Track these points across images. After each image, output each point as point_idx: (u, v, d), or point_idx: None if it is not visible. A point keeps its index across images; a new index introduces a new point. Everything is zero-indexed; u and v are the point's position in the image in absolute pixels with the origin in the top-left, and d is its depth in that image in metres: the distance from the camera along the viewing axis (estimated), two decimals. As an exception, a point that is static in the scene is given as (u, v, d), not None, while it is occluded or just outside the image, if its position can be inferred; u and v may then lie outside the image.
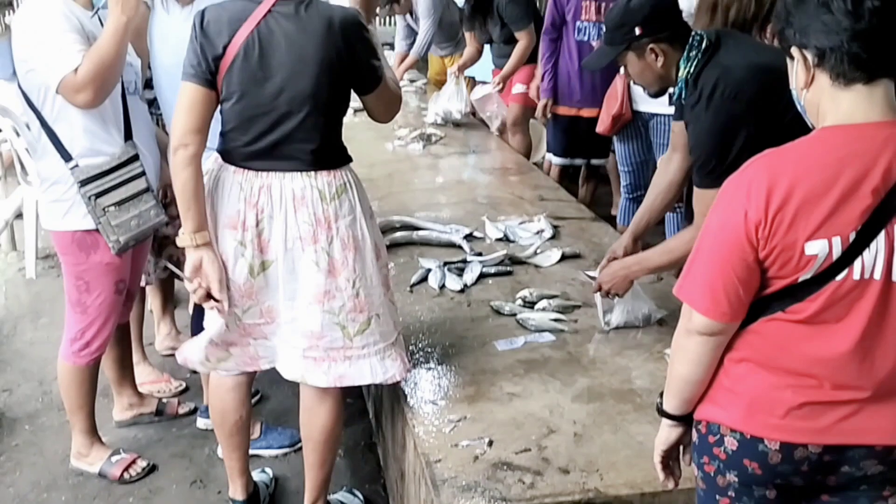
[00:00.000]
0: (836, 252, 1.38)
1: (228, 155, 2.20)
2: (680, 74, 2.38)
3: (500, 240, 3.40)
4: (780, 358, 1.48)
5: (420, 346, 2.60)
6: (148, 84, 2.88)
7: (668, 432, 1.66)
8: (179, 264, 2.42)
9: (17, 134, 4.46)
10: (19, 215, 4.90)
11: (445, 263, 3.11)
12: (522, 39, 4.93)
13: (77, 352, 2.69)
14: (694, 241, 2.37)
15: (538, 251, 3.26)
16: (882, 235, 1.37)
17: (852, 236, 1.37)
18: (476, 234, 3.44)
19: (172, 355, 3.54)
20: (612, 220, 4.16)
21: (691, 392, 1.58)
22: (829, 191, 1.37)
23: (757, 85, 2.24)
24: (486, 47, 5.57)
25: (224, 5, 2.14)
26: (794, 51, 1.45)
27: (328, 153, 2.18)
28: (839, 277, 1.40)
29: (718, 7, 2.77)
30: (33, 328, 3.94)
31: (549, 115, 4.73)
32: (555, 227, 3.50)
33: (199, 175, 2.15)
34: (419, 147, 4.86)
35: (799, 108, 1.52)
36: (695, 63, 2.34)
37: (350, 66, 2.13)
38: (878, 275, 1.39)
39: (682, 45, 2.37)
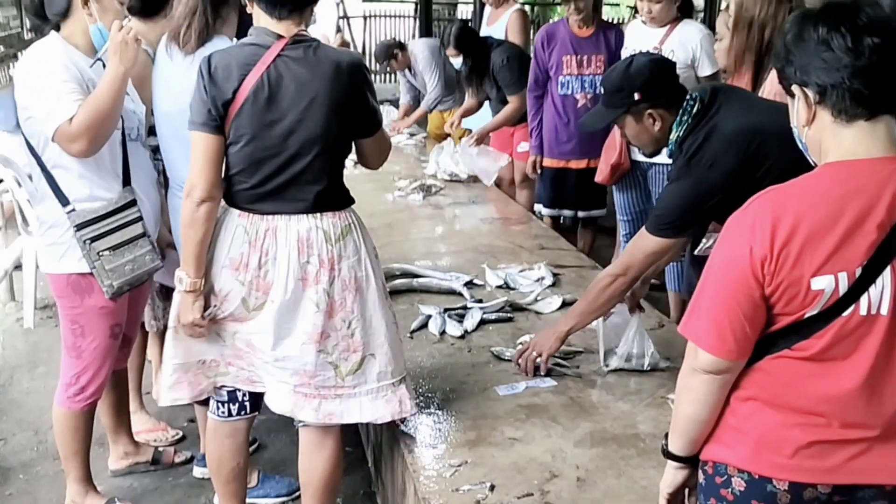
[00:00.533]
0: (843, 287, 1.37)
1: (232, 198, 2.21)
2: (671, 137, 2.43)
3: (500, 287, 3.40)
4: (788, 396, 1.46)
5: (421, 391, 2.57)
6: (151, 131, 2.90)
7: (673, 474, 1.63)
8: None
9: (19, 184, 4.49)
10: (18, 266, 4.92)
11: (446, 310, 3.10)
12: (513, 102, 5.01)
13: (72, 397, 2.66)
14: (609, 284, 2.50)
15: (538, 298, 3.26)
16: (888, 270, 1.37)
17: (858, 272, 1.37)
18: (476, 281, 3.44)
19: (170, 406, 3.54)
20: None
21: (697, 432, 1.56)
22: (834, 226, 1.36)
23: (737, 154, 2.30)
24: (487, 103, 5.63)
25: (230, 51, 2.18)
26: (795, 88, 1.46)
27: (333, 194, 2.21)
28: (846, 313, 1.39)
29: (754, 25, 2.80)
30: (30, 378, 3.91)
31: (537, 172, 4.79)
32: (555, 274, 3.50)
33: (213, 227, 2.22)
34: (419, 198, 4.88)
35: (800, 145, 1.52)
36: (684, 128, 2.41)
37: (357, 109, 2.18)
38: (884, 310, 1.38)
39: (678, 109, 2.42)
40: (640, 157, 3.97)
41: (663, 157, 3.55)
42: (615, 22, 9.41)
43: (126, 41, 2.43)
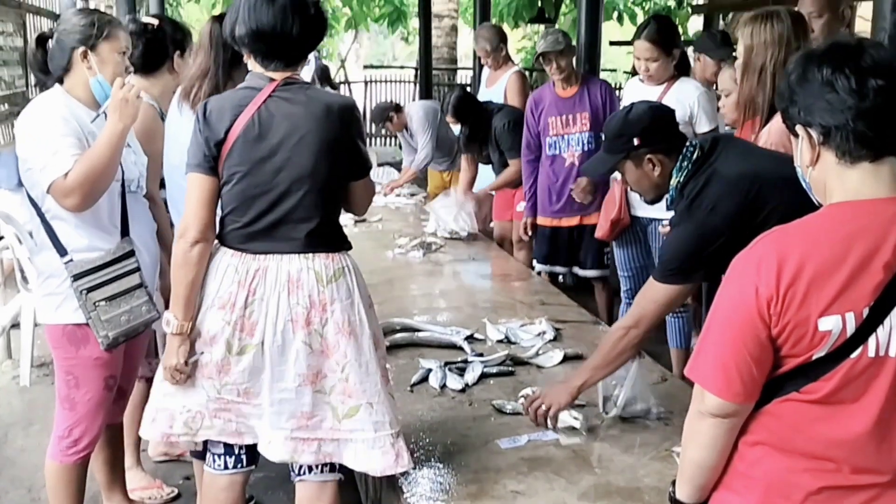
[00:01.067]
0: (850, 328, 1.36)
1: (225, 238, 2.22)
2: (672, 183, 2.45)
3: (500, 341, 3.37)
4: (796, 440, 1.43)
5: (421, 444, 2.53)
6: (163, 183, 2.94)
7: None
8: None
9: (20, 242, 4.50)
10: (16, 325, 4.89)
11: (446, 363, 3.07)
12: (514, 166, 5.08)
13: (65, 450, 2.62)
14: (622, 337, 2.45)
15: (540, 352, 3.23)
16: (895, 312, 1.35)
17: (866, 312, 1.35)
18: (477, 335, 3.41)
19: (166, 461, 3.49)
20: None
21: (705, 478, 1.53)
22: (840, 265, 1.35)
23: (738, 199, 2.31)
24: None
25: (225, 95, 2.25)
26: (799, 129, 1.46)
27: (326, 235, 2.21)
28: (854, 355, 1.37)
29: (765, 72, 2.83)
30: (24, 435, 3.86)
31: (528, 233, 4.88)
32: (556, 329, 3.47)
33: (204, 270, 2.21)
34: (419, 255, 4.88)
35: (804, 185, 1.52)
36: (685, 173, 2.43)
37: (347, 150, 2.21)
38: (893, 352, 1.37)
39: (678, 155, 2.44)
40: (639, 213, 4.00)
41: (663, 212, 3.59)
42: (615, 86, 9.56)
43: (126, 98, 2.47)
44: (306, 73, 2.68)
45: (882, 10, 3.00)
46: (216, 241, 2.24)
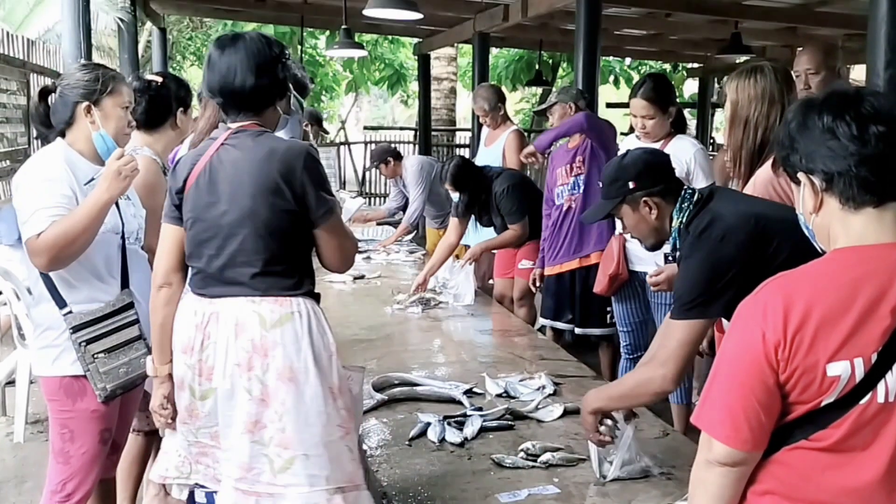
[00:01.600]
0: (859, 374, 1.34)
1: (192, 284, 2.27)
2: (673, 225, 2.46)
3: (500, 396, 3.34)
4: (806, 489, 1.41)
5: (419, 498, 2.49)
6: None
7: None
8: None
9: (18, 298, 4.49)
10: (10, 382, 4.86)
11: (445, 417, 3.03)
12: (514, 230, 5.12)
13: None
14: (651, 379, 2.36)
15: (539, 406, 3.20)
16: None
17: (874, 357, 1.34)
18: (476, 389, 3.39)
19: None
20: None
21: None
22: (847, 311, 1.35)
23: (746, 231, 2.28)
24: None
25: (194, 149, 2.35)
26: (801, 176, 1.47)
27: (275, 279, 2.19)
28: (863, 401, 1.35)
29: (749, 124, 2.85)
30: (17, 493, 3.80)
31: (536, 285, 4.92)
32: (556, 384, 3.45)
33: (174, 312, 2.27)
34: (418, 311, 4.87)
35: (807, 232, 1.52)
36: (687, 213, 2.43)
37: (293, 193, 2.16)
38: None
39: (675, 199, 2.46)
40: (638, 268, 4.00)
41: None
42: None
43: (120, 171, 2.47)
44: (291, 128, 2.68)
45: (875, 66, 3.07)
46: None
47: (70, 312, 2.52)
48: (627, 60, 15.53)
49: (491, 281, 5.97)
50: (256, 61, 2.21)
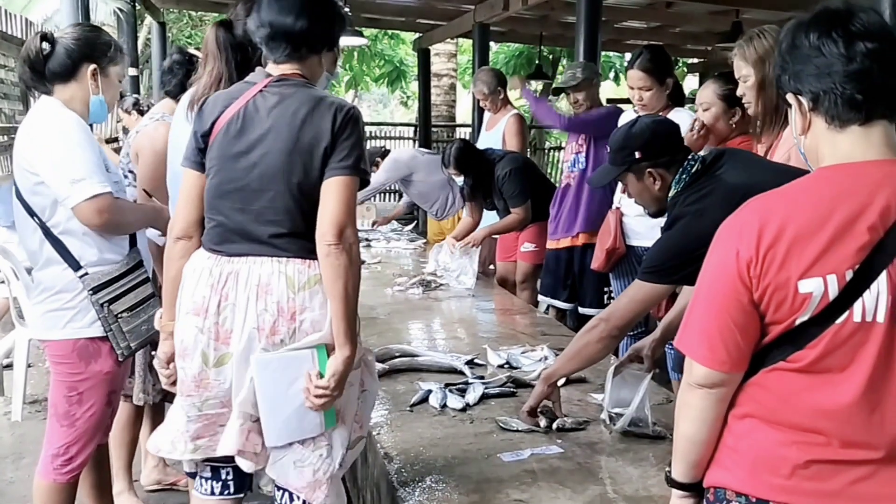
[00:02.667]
0: (833, 291, 1.31)
1: (205, 239, 2.12)
2: (671, 194, 2.45)
3: (501, 366, 3.31)
4: (784, 411, 1.38)
5: (421, 458, 2.46)
6: None
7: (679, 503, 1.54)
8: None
9: (17, 277, 4.46)
10: (7, 366, 4.83)
11: (447, 385, 3.01)
12: (517, 213, 5.07)
13: (59, 468, 2.54)
14: (590, 329, 2.50)
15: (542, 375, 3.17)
16: (884, 276, 1.31)
17: (849, 275, 1.31)
18: (478, 361, 3.36)
19: (159, 490, 3.39)
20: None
21: (697, 454, 1.48)
22: (822, 227, 1.32)
23: (728, 208, 2.26)
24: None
25: (224, 90, 2.18)
26: (790, 97, 1.45)
27: (303, 240, 2.02)
28: (839, 320, 1.32)
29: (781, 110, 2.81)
30: (14, 468, 3.77)
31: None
32: (557, 355, 3.41)
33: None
34: (419, 292, 4.85)
35: (801, 155, 1.51)
36: (681, 186, 2.44)
37: (332, 149, 2.01)
38: (881, 318, 1.31)
39: (678, 168, 2.46)
40: (634, 242, 3.97)
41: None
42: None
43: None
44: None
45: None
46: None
47: (86, 274, 2.49)
48: (628, 56, 15.51)
49: (492, 266, 5.94)
50: (314, 5, 2.09)
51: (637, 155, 2.47)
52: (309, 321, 2.01)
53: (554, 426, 2.61)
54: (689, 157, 2.48)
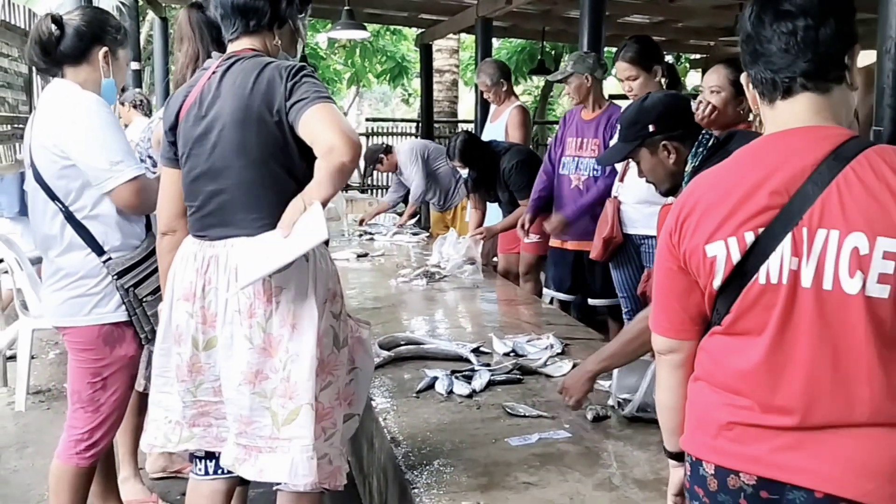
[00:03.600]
0: (735, 254, 1.35)
1: (190, 227, 2.14)
2: (687, 169, 2.42)
3: (507, 354, 3.30)
4: (716, 373, 1.44)
5: (428, 443, 2.45)
6: None
7: (673, 474, 1.62)
8: None
9: (21, 267, 4.45)
10: (11, 357, 4.83)
11: (453, 372, 3.00)
12: (524, 205, 5.01)
13: (82, 452, 2.54)
14: (644, 329, 2.29)
15: (548, 363, 3.16)
16: (787, 239, 1.32)
17: (749, 237, 1.34)
18: (483, 349, 3.35)
19: (164, 478, 3.38)
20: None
21: (671, 421, 1.56)
22: (729, 194, 1.37)
23: None
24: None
25: (186, 82, 2.20)
26: (743, 75, 1.50)
27: (274, 218, 1.96)
28: (748, 283, 1.35)
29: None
30: (18, 457, 3.75)
31: (526, 230, 4.76)
32: (564, 344, 3.41)
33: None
34: (422, 283, 4.83)
35: None
36: (700, 158, 2.41)
37: (281, 112, 1.95)
38: (786, 279, 1.32)
39: (693, 143, 2.43)
40: (631, 231, 3.92)
41: (653, 230, 3.53)
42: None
43: None
44: None
45: (888, 18, 3.01)
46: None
47: (109, 259, 2.48)
48: (630, 52, 15.48)
49: (495, 258, 5.93)
50: None
51: (651, 128, 2.44)
52: (285, 301, 1.99)
53: (594, 415, 2.60)
54: (703, 132, 2.46)
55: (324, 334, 2.04)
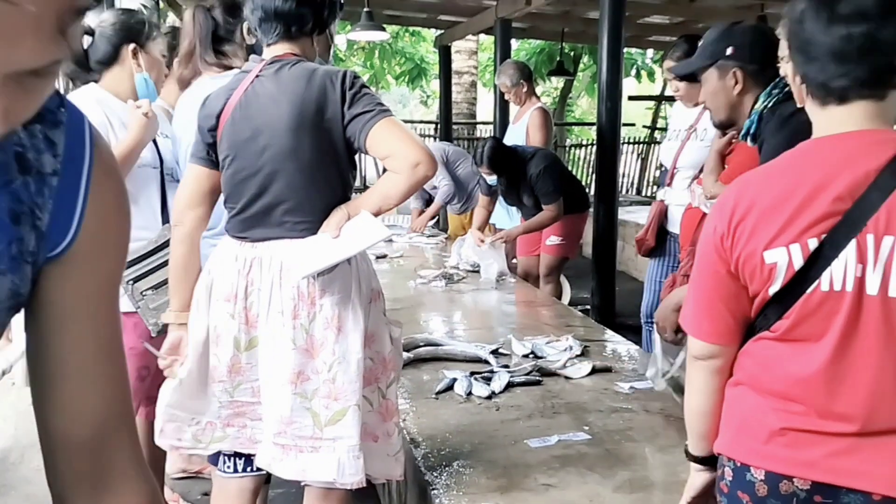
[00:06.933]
0: (798, 261, 1.33)
1: (230, 227, 2.15)
2: (756, 107, 2.34)
3: (526, 356, 3.30)
4: (765, 379, 1.41)
5: (447, 444, 2.45)
6: None
7: (693, 477, 1.60)
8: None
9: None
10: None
11: (472, 373, 2.99)
12: (549, 210, 5.01)
13: None
14: None
15: (568, 364, 3.15)
16: (852, 245, 1.30)
17: (813, 244, 1.31)
18: (502, 350, 3.34)
19: (184, 478, 3.40)
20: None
21: (703, 426, 1.53)
22: (788, 199, 1.34)
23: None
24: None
25: (226, 84, 2.19)
26: (788, 67, 1.48)
27: (321, 221, 2.03)
28: (809, 290, 1.33)
29: None
30: (41, 456, 3.77)
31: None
32: (584, 346, 3.40)
33: (193, 254, 2.16)
34: (442, 285, 4.84)
35: None
36: (775, 99, 2.31)
37: (334, 120, 2.01)
38: (850, 287, 1.31)
39: (765, 84, 2.34)
40: (675, 230, 3.88)
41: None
42: (632, 140, 9.50)
43: (146, 115, 2.54)
44: None
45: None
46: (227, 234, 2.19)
47: None
48: (650, 53, 15.44)
49: (514, 260, 5.92)
50: None
51: (729, 51, 2.35)
52: (329, 304, 2.00)
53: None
54: (781, 76, 2.39)
55: (380, 333, 2.11)
